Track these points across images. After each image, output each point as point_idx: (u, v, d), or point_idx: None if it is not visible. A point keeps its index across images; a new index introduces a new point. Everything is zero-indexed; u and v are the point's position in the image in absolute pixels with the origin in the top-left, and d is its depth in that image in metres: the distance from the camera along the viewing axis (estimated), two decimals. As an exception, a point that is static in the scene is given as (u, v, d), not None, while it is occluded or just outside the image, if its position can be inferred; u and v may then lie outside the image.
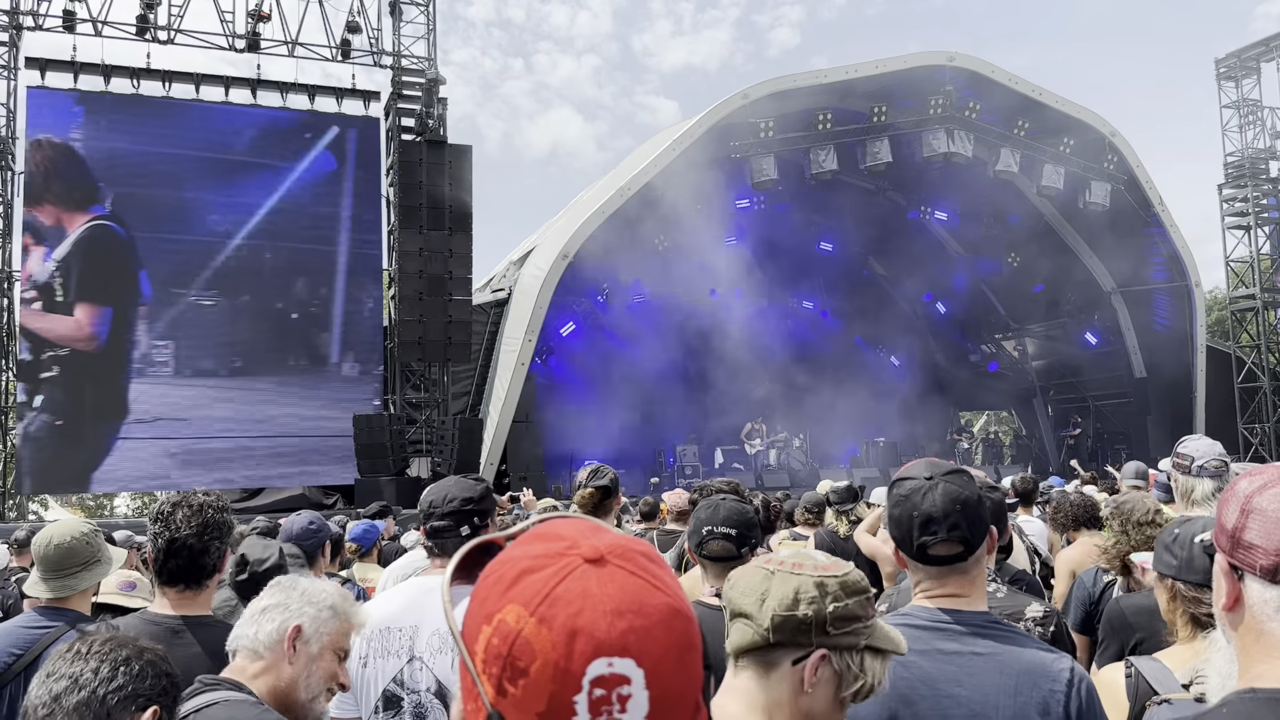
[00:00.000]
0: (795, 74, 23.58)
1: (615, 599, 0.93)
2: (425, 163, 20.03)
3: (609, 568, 0.96)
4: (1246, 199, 29.60)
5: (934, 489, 2.31)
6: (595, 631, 0.91)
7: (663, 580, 0.98)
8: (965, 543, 2.28)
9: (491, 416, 20.61)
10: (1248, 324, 30.42)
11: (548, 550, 0.98)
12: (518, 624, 0.92)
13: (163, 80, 20.26)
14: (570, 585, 0.94)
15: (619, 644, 0.91)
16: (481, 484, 3.37)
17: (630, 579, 0.96)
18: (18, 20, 19.54)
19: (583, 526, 1.02)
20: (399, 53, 21.25)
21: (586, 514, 4.20)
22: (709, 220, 23.25)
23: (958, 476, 2.35)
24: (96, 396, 19.29)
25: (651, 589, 0.96)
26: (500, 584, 0.96)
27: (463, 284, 20.12)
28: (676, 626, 0.96)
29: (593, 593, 0.93)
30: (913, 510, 2.30)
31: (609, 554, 0.97)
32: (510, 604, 0.94)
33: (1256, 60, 29.62)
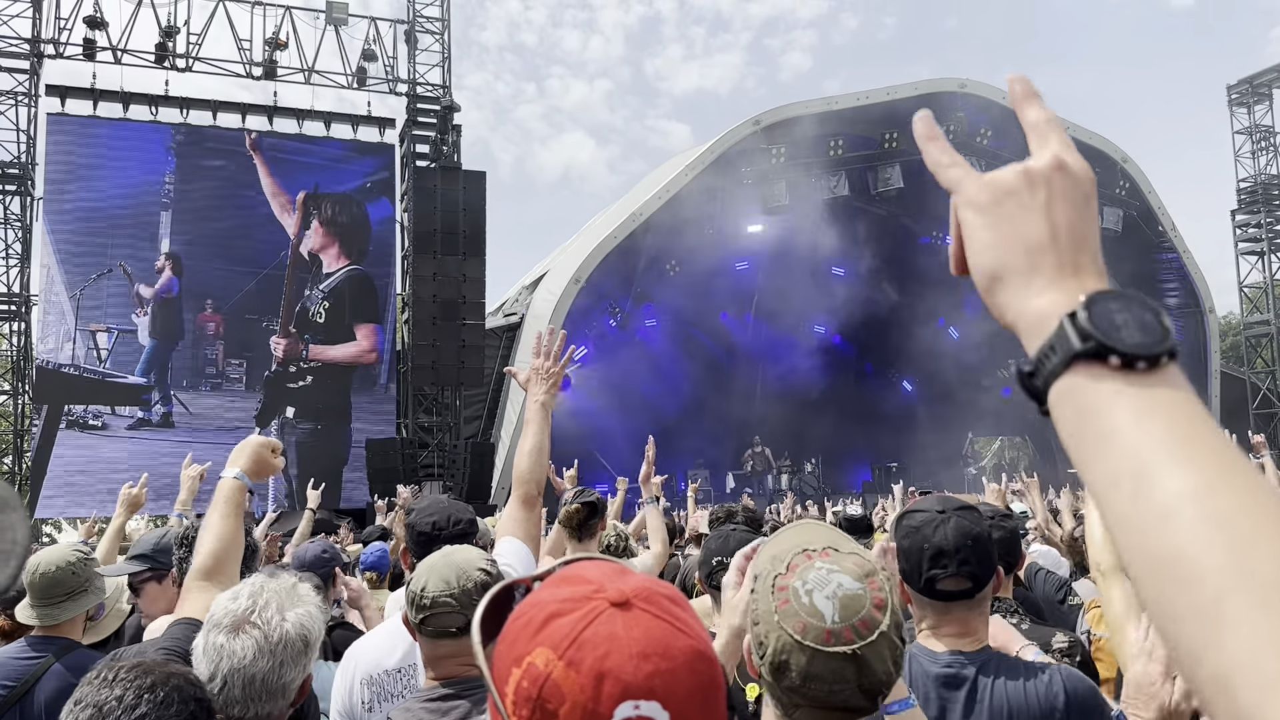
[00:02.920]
0: (807, 100, 23.69)
1: (641, 642, 0.96)
2: (440, 188, 20.15)
3: (634, 611, 0.98)
4: (1260, 224, 29.51)
5: (945, 523, 2.32)
6: (622, 674, 0.94)
7: (686, 623, 1.01)
8: (974, 579, 2.28)
9: (503, 441, 20.61)
10: (1262, 350, 30.25)
11: (575, 594, 1.01)
12: (546, 667, 0.95)
13: (180, 107, 20.49)
14: (597, 629, 0.96)
15: (645, 686, 0.94)
16: (468, 506, 3.36)
17: (655, 622, 0.98)
18: (39, 49, 19.81)
19: (608, 570, 1.05)
20: (414, 80, 21.44)
21: (571, 531, 4.18)
22: (721, 245, 23.31)
23: (969, 513, 2.36)
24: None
25: (676, 632, 0.99)
26: (529, 627, 0.99)
27: (476, 309, 20.20)
28: (701, 669, 0.98)
29: (619, 636, 0.96)
30: (923, 543, 2.30)
31: (634, 598, 1.00)
32: (539, 647, 0.96)
33: (1269, 86, 29.61)
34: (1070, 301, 0.77)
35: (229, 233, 20.82)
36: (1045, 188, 0.85)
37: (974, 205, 0.88)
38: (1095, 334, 0.74)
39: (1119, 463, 0.70)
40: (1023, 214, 0.84)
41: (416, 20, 21.75)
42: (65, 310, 19.37)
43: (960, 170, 0.91)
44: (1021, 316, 0.81)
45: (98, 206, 19.81)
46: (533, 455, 3.24)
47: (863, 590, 1.51)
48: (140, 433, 19.65)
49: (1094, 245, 0.84)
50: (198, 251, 20.58)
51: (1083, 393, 0.74)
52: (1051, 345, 0.77)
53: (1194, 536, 0.63)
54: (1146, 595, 0.66)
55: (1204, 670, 0.60)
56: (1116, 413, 0.71)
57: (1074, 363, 0.75)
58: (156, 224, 20.37)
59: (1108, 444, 0.71)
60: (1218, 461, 0.67)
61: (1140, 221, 26.07)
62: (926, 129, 0.94)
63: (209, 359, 20.51)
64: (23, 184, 19.82)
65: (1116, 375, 0.73)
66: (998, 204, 0.86)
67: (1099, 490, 0.71)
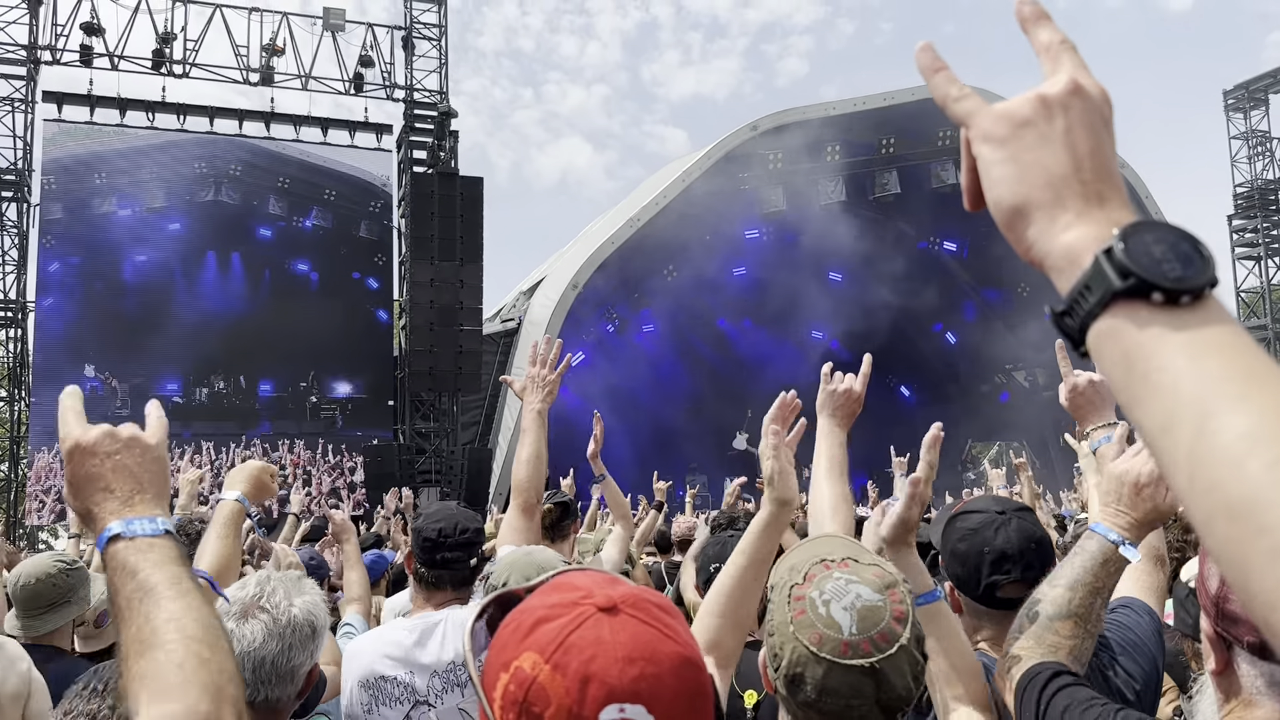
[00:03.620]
0: (803, 106, 23.72)
1: (627, 646, 0.97)
2: (437, 194, 20.15)
3: (622, 616, 0.99)
4: (1256, 230, 29.55)
5: (1007, 524, 2.16)
6: (607, 678, 0.94)
7: (674, 630, 1.02)
8: (1036, 586, 2.08)
9: (501, 447, 20.58)
10: (1259, 354, 30.24)
11: (563, 600, 1.02)
12: (533, 670, 0.96)
13: (177, 114, 20.49)
14: (584, 633, 0.97)
15: (630, 690, 0.94)
16: (476, 515, 3.35)
17: (642, 628, 0.99)
18: (35, 55, 19.80)
19: (599, 578, 1.06)
20: (411, 86, 21.45)
21: (544, 531, 4.12)
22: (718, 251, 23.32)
23: (1029, 514, 2.21)
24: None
25: (663, 638, 0.99)
26: (517, 632, 1.00)
27: (473, 314, 20.18)
28: (687, 675, 0.99)
29: (605, 640, 0.97)
30: (983, 546, 2.14)
31: (622, 603, 1.00)
32: (526, 651, 0.97)
33: (1265, 91, 29.67)
34: (1103, 235, 0.74)
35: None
36: (1064, 115, 0.81)
37: (990, 139, 0.83)
38: (1136, 270, 0.70)
39: (1175, 406, 0.66)
40: (1042, 144, 0.80)
41: (413, 26, 21.76)
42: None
43: (972, 102, 0.85)
44: (1050, 254, 0.77)
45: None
46: (530, 464, 3.24)
47: (882, 602, 1.47)
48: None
49: (1116, 172, 0.80)
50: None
51: (1126, 333, 0.70)
52: (1087, 284, 0.73)
53: (1267, 480, 0.60)
54: (1214, 541, 0.63)
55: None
56: (1167, 352, 0.68)
57: (1114, 301, 0.71)
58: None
59: (1160, 386, 0.67)
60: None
61: (1137, 227, 26.08)
62: (931, 60, 0.88)
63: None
64: (19, 190, 19.80)
65: (1160, 312, 0.69)
66: (1016, 135, 0.81)
67: (1152, 432, 0.68)
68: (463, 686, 2.90)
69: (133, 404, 19.64)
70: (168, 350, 20.36)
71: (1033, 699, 1.58)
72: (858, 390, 2.75)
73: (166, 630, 1.11)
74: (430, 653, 2.92)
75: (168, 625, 1.12)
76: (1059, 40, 0.85)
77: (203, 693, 1.06)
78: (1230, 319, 0.70)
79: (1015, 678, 1.67)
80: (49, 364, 19.48)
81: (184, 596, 1.15)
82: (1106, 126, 0.82)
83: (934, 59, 0.88)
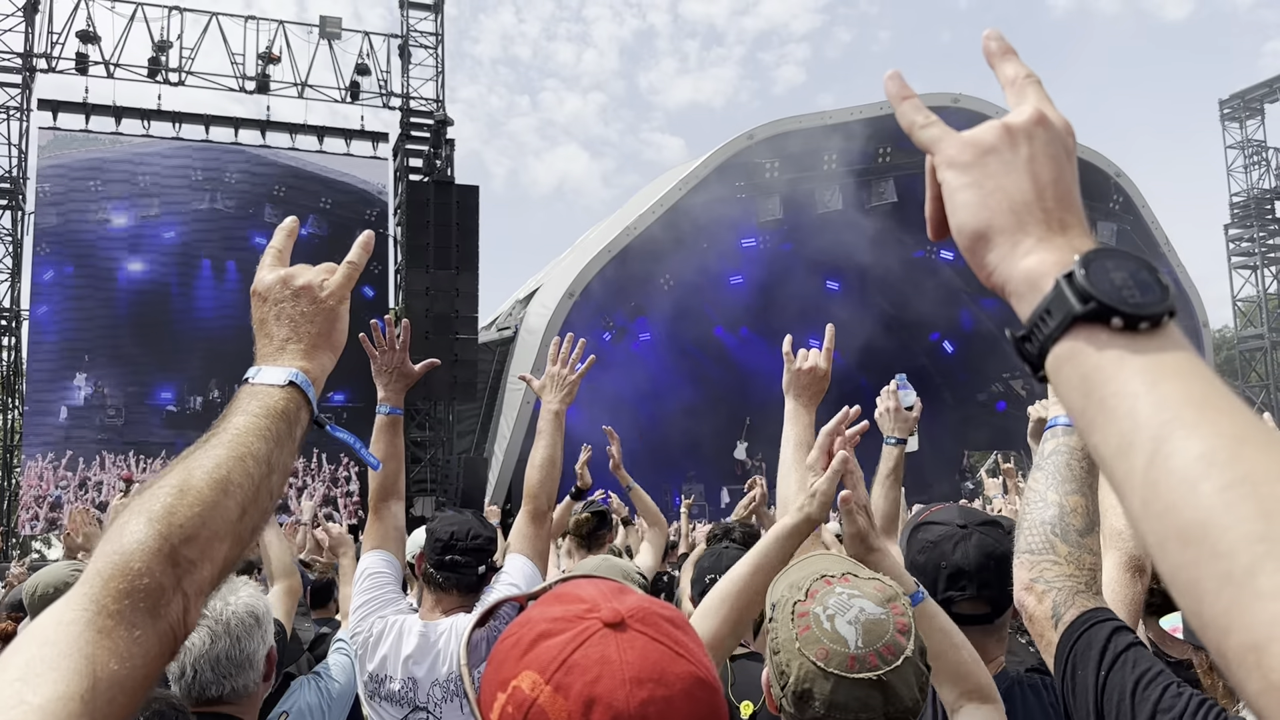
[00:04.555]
0: (800, 115, 23.73)
1: (635, 666, 0.89)
2: (433, 203, 20.12)
3: (629, 633, 0.92)
4: (1252, 239, 29.61)
5: (967, 539, 2.14)
6: (614, 701, 0.87)
7: (686, 647, 0.94)
8: (994, 603, 2.11)
9: (497, 456, 20.52)
10: (1256, 364, 30.29)
11: (566, 613, 0.94)
12: (533, 691, 0.88)
13: (173, 121, 20.46)
14: (588, 651, 0.90)
15: (638, 714, 0.87)
16: (491, 524, 3.32)
17: (651, 645, 0.92)
18: (31, 63, 19.78)
19: (605, 588, 0.98)
20: (407, 94, 21.44)
21: (580, 540, 4.12)
22: (715, 259, 23.30)
23: (993, 529, 2.18)
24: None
25: (674, 656, 0.92)
26: (517, 648, 0.93)
27: (469, 323, 20.14)
28: (700, 696, 0.91)
29: (611, 659, 0.89)
30: (940, 560, 2.12)
31: (630, 618, 0.93)
32: (526, 670, 0.90)
33: (1260, 101, 29.76)
34: (1064, 260, 0.74)
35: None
36: (1028, 143, 0.82)
37: (955, 164, 0.84)
38: (1096, 294, 0.70)
39: (1132, 429, 0.66)
40: (1006, 171, 0.81)
41: (410, 35, 21.76)
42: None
43: (938, 129, 0.86)
44: (1011, 278, 0.78)
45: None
46: (544, 468, 3.16)
47: (885, 615, 1.47)
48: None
49: (1077, 200, 0.81)
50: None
51: (1085, 357, 0.71)
52: (1048, 308, 0.73)
53: (1220, 504, 0.60)
54: (1167, 566, 0.63)
55: (1234, 640, 0.57)
56: (1124, 377, 0.68)
57: (1073, 325, 0.71)
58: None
59: (1116, 410, 0.67)
60: (1236, 424, 0.64)
61: (1134, 236, 26.11)
62: (898, 88, 0.90)
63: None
64: (14, 198, 19.75)
65: (1119, 337, 0.70)
66: (980, 162, 0.82)
67: (1107, 456, 0.68)
68: (463, 697, 2.84)
69: (126, 413, 19.58)
70: (162, 359, 20.29)
71: (1092, 655, 1.50)
72: (823, 367, 2.72)
73: (174, 473, 1.05)
74: (430, 662, 2.90)
75: (178, 467, 1.06)
76: (1024, 74, 0.87)
77: (148, 537, 0.96)
78: (1187, 346, 0.70)
79: (1065, 619, 1.57)
80: (42, 372, 19.42)
81: (224, 446, 1.09)
82: (1069, 156, 0.83)
83: (901, 87, 0.90)
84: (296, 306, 1.31)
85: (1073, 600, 1.61)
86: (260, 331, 1.30)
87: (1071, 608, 1.60)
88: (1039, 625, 1.62)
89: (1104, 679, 1.48)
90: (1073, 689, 1.52)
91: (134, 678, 0.89)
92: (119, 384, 19.89)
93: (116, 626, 0.90)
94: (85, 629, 0.89)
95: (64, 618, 0.89)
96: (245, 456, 1.09)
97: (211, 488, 1.03)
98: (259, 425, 1.14)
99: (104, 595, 0.91)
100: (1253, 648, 0.56)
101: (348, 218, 21.88)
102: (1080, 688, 1.50)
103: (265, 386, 1.20)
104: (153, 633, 0.92)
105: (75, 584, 0.95)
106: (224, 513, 1.03)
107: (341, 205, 21.80)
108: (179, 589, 0.96)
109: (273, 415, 1.16)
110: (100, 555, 0.96)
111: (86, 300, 20.05)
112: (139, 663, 0.90)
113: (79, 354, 19.79)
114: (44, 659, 0.85)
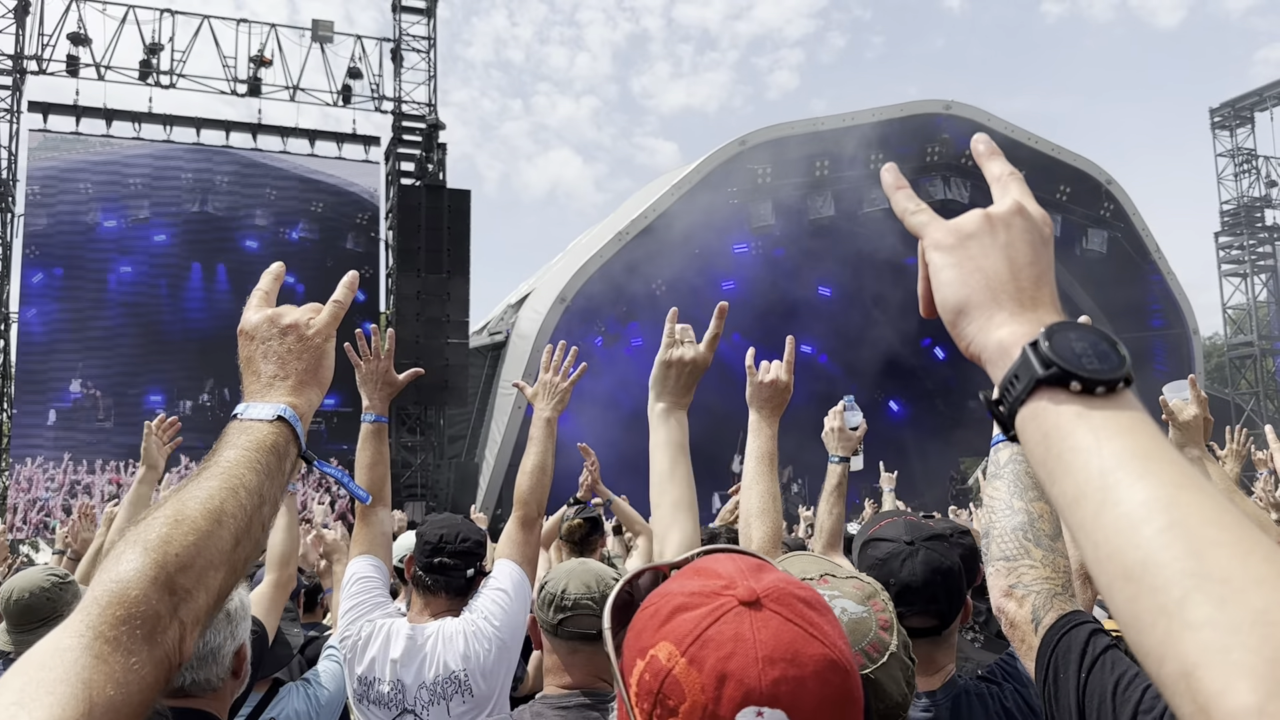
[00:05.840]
0: (793, 121, 23.75)
1: (768, 645, 0.91)
2: (424, 207, 20.10)
3: (764, 612, 0.93)
4: (1243, 246, 29.75)
5: (914, 556, 2.17)
6: (745, 678, 0.89)
7: (822, 630, 0.95)
8: (941, 616, 2.14)
9: (488, 461, 20.48)
10: (1246, 371, 30.42)
11: (704, 588, 0.96)
12: (669, 662, 0.91)
13: (164, 124, 20.39)
14: (723, 627, 0.92)
15: (770, 693, 0.89)
16: (480, 529, 3.31)
17: (785, 625, 0.93)
18: (21, 64, 19.70)
19: (745, 565, 1.00)
20: (400, 98, 21.42)
21: (572, 546, 4.11)
22: (707, 265, 23.31)
23: (939, 543, 2.22)
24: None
25: (809, 638, 0.93)
26: (655, 618, 0.95)
27: (460, 327, 20.11)
28: (833, 680, 0.92)
29: (745, 637, 0.91)
30: (888, 577, 2.15)
31: (765, 597, 0.95)
32: (663, 640, 0.93)
33: (1250, 110, 29.92)
34: (1031, 331, 0.83)
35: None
36: (1005, 230, 0.93)
37: (940, 247, 0.94)
38: (1057, 361, 0.78)
39: (1083, 479, 0.73)
40: (985, 254, 0.91)
41: (402, 38, 21.74)
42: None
43: (926, 215, 0.98)
44: (985, 347, 0.87)
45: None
46: (534, 475, 3.18)
47: (867, 613, 1.49)
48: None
49: (1051, 283, 0.91)
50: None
51: (1046, 415, 0.78)
52: (1015, 373, 0.82)
53: (1158, 544, 0.66)
54: (1115, 604, 0.69)
55: (1168, 668, 0.62)
56: (1079, 433, 0.76)
57: (1038, 388, 0.79)
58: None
59: (1072, 462, 0.75)
60: (1175, 474, 0.71)
61: (1125, 243, 26.20)
62: (894, 179, 1.02)
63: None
64: (3, 200, 19.65)
65: (1077, 400, 0.77)
66: (962, 245, 0.92)
67: (1064, 505, 0.75)
68: (448, 700, 2.86)
69: (116, 416, 19.49)
70: (152, 362, 20.21)
71: (1073, 657, 1.54)
72: (784, 379, 2.75)
73: (169, 505, 1.07)
74: (417, 665, 2.90)
75: (172, 498, 1.08)
76: (1008, 172, 0.99)
77: (144, 565, 0.98)
78: (1139, 408, 0.78)
79: (1045, 622, 1.61)
80: (31, 375, 19.33)
81: (216, 478, 1.12)
82: (1045, 244, 0.93)
83: (896, 178, 1.02)
84: (283, 344, 1.34)
85: (1051, 603, 1.64)
86: (247, 369, 1.33)
87: (1050, 610, 1.63)
88: (1020, 630, 1.65)
89: (1085, 680, 1.51)
90: (1055, 692, 1.55)
91: (130, 704, 0.90)
92: (109, 387, 19.80)
93: (113, 653, 0.92)
94: (82, 654, 0.90)
95: (61, 643, 0.92)
96: (238, 488, 1.11)
97: (206, 517, 1.06)
98: (249, 458, 1.16)
99: (101, 622, 0.93)
100: (1183, 674, 0.61)
101: (339, 222, 21.85)
102: (1063, 690, 1.53)
103: (254, 422, 1.23)
104: (149, 660, 0.94)
105: (73, 610, 0.96)
106: (218, 542, 1.05)
107: (333, 209, 21.75)
108: (175, 617, 0.98)
109: (262, 449, 1.19)
110: (97, 583, 0.98)
111: (76, 303, 19.97)
112: (135, 689, 0.91)
113: (68, 357, 19.70)
114: (40, 683, 0.87)
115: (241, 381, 1.32)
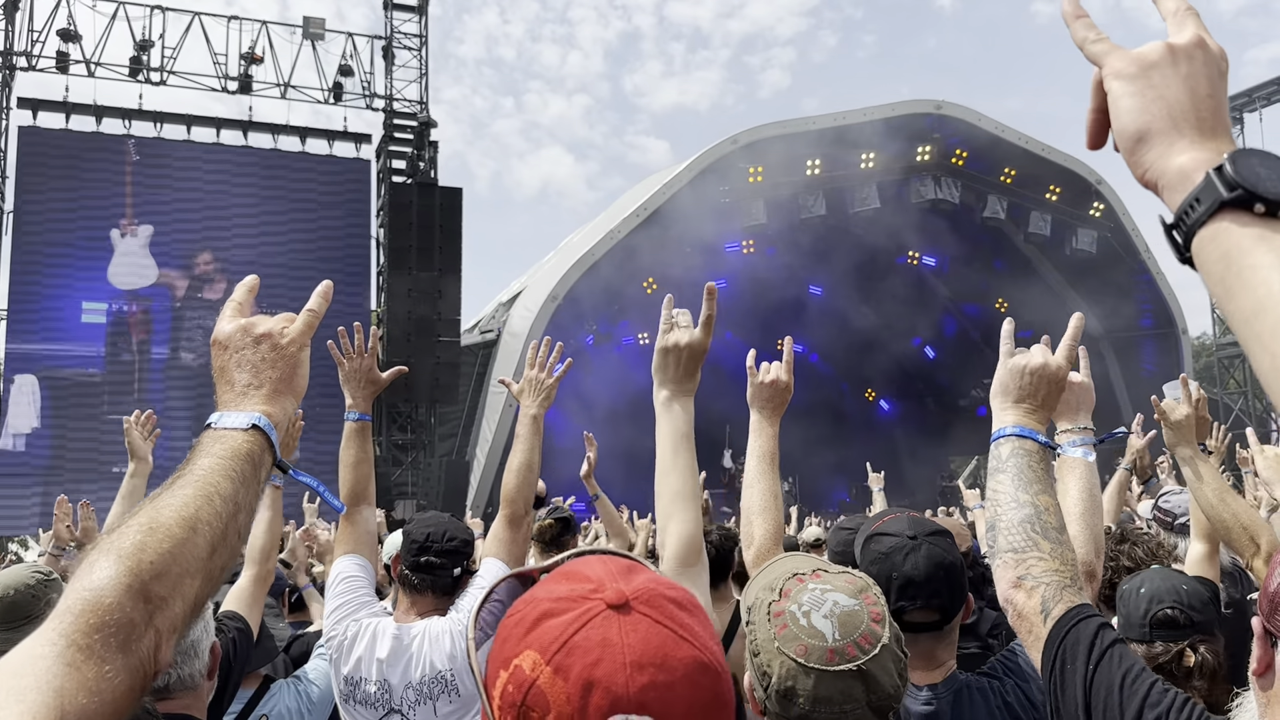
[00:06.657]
0: (784, 120, 23.76)
1: (637, 650, 0.87)
2: (415, 205, 20.05)
3: (634, 615, 0.90)
4: (1232, 247, 29.84)
5: (916, 550, 2.18)
6: (613, 685, 0.85)
7: (692, 631, 0.92)
8: (943, 611, 2.16)
9: (479, 459, 20.46)
10: (1234, 370, 30.54)
11: (571, 592, 0.93)
12: (533, 671, 0.87)
13: (154, 121, 20.30)
14: (589, 633, 0.88)
15: (637, 700, 0.85)
16: (468, 527, 3.30)
17: (655, 628, 0.89)
18: (11, 61, 19.60)
19: (614, 567, 0.96)
20: (391, 96, 21.37)
21: (543, 546, 4.10)
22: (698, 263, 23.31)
23: (941, 539, 2.23)
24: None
25: (679, 640, 0.90)
26: (520, 626, 0.91)
27: (451, 325, 20.08)
28: (703, 683, 0.89)
29: (613, 642, 0.87)
30: (891, 571, 2.16)
31: (635, 599, 0.91)
32: (527, 649, 0.89)
33: (1240, 110, 30.01)
34: (1214, 158, 0.87)
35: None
36: (1188, 61, 0.95)
37: (1121, 75, 0.96)
38: (1243, 183, 0.82)
39: (1265, 295, 0.78)
40: (1167, 83, 0.94)
41: (394, 36, 21.70)
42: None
43: (1106, 44, 0.99)
44: (1165, 174, 0.90)
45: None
46: (520, 473, 3.16)
47: (859, 606, 1.51)
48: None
49: (1227, 117, 0.95)
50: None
51: (1229, 235, 0.82)
52: (1197, 196, 0.85)
53: None
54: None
55: None
56: (1261, 252, 0.80)
57: (1220, 210, 0.83)
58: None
59: (1252, 280, 0.79)
60: None
61: (1115, 243, 26.28)
62: (1073, 8, 1.03)
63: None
64: (-8, 197, 19.56)
65: (1260, 220, 0.81)
66: (1144, 74, 0.94)
67: (1241, 320, 0.80)
68: (435, 699, 2.85)
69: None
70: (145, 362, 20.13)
71: (1081, 650, 1.56)
72: (784, 379, 2.75)
73: (143, 512, 1.06)
74: (404, 665, 2.89)
75: (147, 506, 1.07)
76: (1185, 6, 1.00)
77: (118, 573, 0.97)
78: None
79: (1054, 614, 1.62)
80: (20, 373, 19.23)
81: (191, 486, 1.11)
82: (1222, 78, 0.96)
83: (1076, 7, 1.03)
84: (257, 353, 1.33)
85: (1060, 595, 1.65)
86: (221, 379, 1.31)
87: (1059, 602, 1.64)
88: (1028, 621, 1.66)
89: (1092, 673, 1.52)
90: (1061, 683, 1.56)
91: (103, 713, 0.89)
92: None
93: (87, 661, 0.90)
94: (54, 662, 0.89)
95: (34, 651, 0.91)
96: (213, 496, 1.10)
97: (181, 525, 1.04)
98: (224, 466, 1.15)
99: (74, 630, 0.92)
100: None
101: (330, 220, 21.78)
102: (1069, 682, 1.55)
103: (228, 430, 1.22)
104: (124, 668, 0.92)
105: (47, 617, 0.95)
106: (194, 550, 1.04)
107: (324, 207, 21.68)
108: (151, 625, 0.97)
109: (237, 457, 1.18)
110: (71, 591, 0.97)
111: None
112: (109, 698, 0.90)
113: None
114: (11, 690, 0.86)
115: (215, 391, 1.31)
